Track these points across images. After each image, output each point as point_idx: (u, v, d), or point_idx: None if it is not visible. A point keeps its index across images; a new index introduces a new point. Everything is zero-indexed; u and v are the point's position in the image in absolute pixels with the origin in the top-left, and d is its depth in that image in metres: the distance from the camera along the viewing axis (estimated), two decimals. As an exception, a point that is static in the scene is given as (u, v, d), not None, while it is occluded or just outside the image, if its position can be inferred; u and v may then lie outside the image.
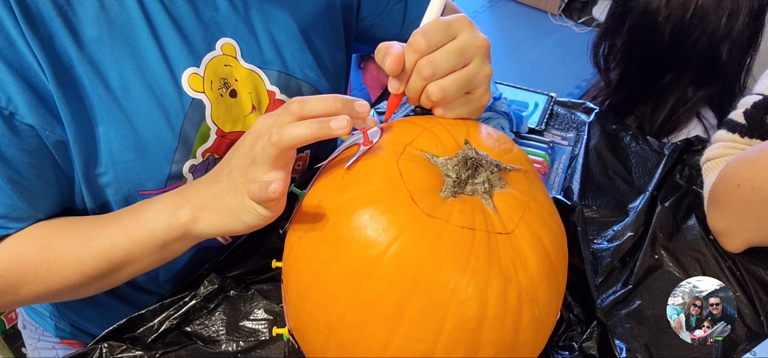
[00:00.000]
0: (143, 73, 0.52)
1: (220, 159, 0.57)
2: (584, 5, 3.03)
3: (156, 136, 0.53)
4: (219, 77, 0.57)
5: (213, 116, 0.56)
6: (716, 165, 0.66)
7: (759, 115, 0.64)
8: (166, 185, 0.56)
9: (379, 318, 0.40)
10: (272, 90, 0.61)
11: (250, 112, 0.59)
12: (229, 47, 0.57)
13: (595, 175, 0.76)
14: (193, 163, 0.57)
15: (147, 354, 0.55)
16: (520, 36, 2.88)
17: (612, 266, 0.65)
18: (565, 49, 2.77)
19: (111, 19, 0.50)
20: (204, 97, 0.55)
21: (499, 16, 3.04)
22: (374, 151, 0.45)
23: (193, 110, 0.55)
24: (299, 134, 0.41)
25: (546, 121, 0.84)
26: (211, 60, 0.56)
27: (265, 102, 0.60)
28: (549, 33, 2.89)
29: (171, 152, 0.54)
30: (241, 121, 0.59)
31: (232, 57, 0.58)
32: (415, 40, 0.46)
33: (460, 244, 0.40)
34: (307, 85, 0.63)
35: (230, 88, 0.58)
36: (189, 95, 0.54)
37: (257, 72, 0.59)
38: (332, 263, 0.41)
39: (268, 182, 0.40)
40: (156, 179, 0.55)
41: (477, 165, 0.44)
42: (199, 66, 0.55)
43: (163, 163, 0.55)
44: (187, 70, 0.54)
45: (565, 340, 0.58)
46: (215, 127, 0.57)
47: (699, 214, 0.68)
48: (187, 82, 0.54)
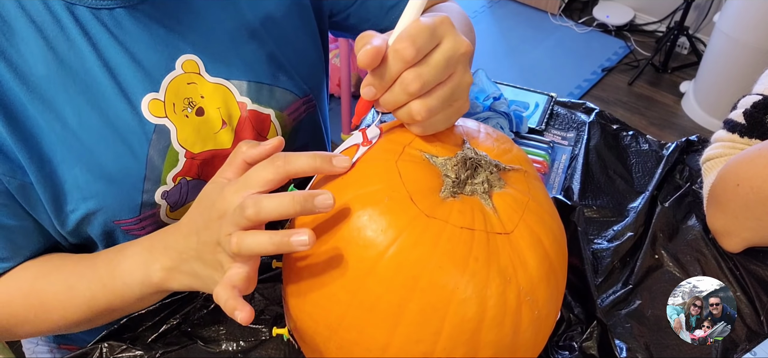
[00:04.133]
0: (99, 106, 0.50)
1: (192, 182, 0.57)
2: (584, 5, 3.03)
3: (121, 167, 0.52)
4: (182, 98, 0.55)
5: (179, 139, 0.55)
6: (716, 165, 0.66)
7: (758, 115, 0.64)
8: (140, 213, 0.55)
9: (378, 319, 0.40)
10: (243, 101, 0.59)
11: (220, 129, 0.57)
12: (190, 64, 0.55)
13: (595, 175, 0.76)
14: (165, 189, 0.55)
15: (147, 354, 0.55)
16: (520, 36, 2.88)
17: (612, 266, 0.65)
18: (565, 49, 2.78)
19: (58, 55, 0.49)
20: (167, 121, 0.54)
21: (499, 16, 3.04)
22: (373, 152, 0.45)
23: (157, 137, 0.53)
24: (257, 248, 0.39)
25: (546, 121, 0.84)
26: (172, 81, 0.54)
27: (236, 115, 0.58)
28: (549, 33, 2.89)
29: (140, 182, 0.53)
30: (212, 140, 0.57)
31: (196, 73, 0.55)
32: (403, 48, 0.39)
33: (459, 244, 0.40)
34: (280, 89, 0.61)
35: (196, 106, 0.55)
36: (151, 122, 0.53)
37: (225, 85, 0.57)
38: (332, 263, 0.41)
39: (232, 286, 0.39)
40: (129, 209, 0.54)
41: (476, 165, 0.44)
42: (159, 90, 0.53)
43: (133, 193, 0.54)
44: (146, 96, 0.52)
45: (565, 340, 0.58)
46: (183, 151, 0.55)
47: (699, 214, 0.68)
48: (147, 109, 0.53)
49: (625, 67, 2.64)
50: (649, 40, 2.79)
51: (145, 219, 0.56)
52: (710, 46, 2.20)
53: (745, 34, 1.99)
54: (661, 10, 2.74)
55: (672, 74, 2.57)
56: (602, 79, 2.59)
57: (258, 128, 0.60)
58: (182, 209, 0.58)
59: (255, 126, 0.60)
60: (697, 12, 2.61)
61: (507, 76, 2.51)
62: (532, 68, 2.65)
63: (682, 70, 2.58)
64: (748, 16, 1.97)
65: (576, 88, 2.53)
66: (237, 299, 0.39)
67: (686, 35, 2.52)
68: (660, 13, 2.76)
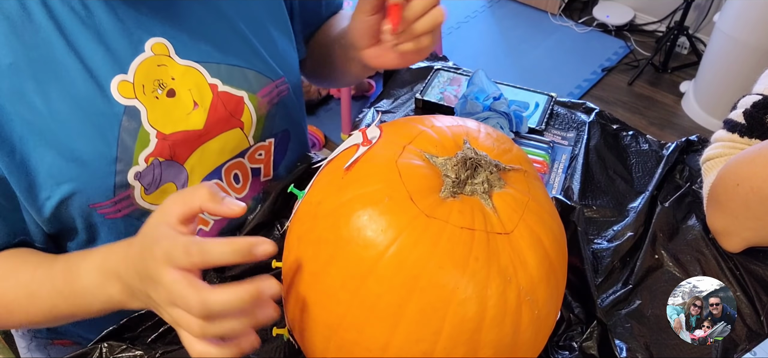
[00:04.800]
0: (68, 90, 0.51)
1: (165, 163, 0.57)
2: (584, 5, 3.03)
3: (93, 150, 0.52)
4: (152, 79, 0.55)
5: (150, 120, 0.55)
6: (715, 165, 0.66)
7: (758, 115, 0.64)
8: (114, 194, 0.55)
9: (378, 319, 0.40)
10: (214, 83, 0.59)
11: (192, 110, 0.58)
12: (159, 47, 0.56)
13: (595, 175, 0.76)
14: (137, 170, 0.56)
15: (147, 354, 0.55)
16: (520, 36, 2.88)
17: (612, 266, 0.65)
18: (565, 49, 2.77)
19: (25, 42, 0.49)
20: (137, 102, 0.54)
21: (499, 16, 3.04)
22: (373, 152, 0.45)
23: (127, 118, 0.54)
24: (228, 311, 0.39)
25: (546, 121, 0.84)
26: (141, 63, 0.54)
27: (208, 96, 0.59)
28: (549, 33, 2.89)
29: (111, 163, 0.54)
30: (183, 121, 0.57)
31: (166, 55, 0.56)
32: None
33: (459, 244, 0.40)
34: (252, 72, 0.62)
35: (167, 88, 0.56)
36: (120, 103, 0.53)
37: (195, 67, 0.58)
38: (332, 263, 0.41)
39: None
40: (102, 191, 0.54)
41: (476, 165, 0.44)
42: (127, 72, 0.54)
43: (106, 175, 0.54)
44: (114, 78, 0.53)
45: (565, 340, 0.58)
46: (154, 131, 0.56)
47: (699, 214, 0.68)
48: (116, 91, 0.53)
49: (625, 67, 2.64)
50: (649, 40, 2.79)
51: (120, 201, 0.56)
52: (710, 46, 2.20)
53: (745, 34, 1.99)
54: (661, 10, 2.74)
55: (672, 74, 2.57)
56: (602, 79, 2.59)
57: (231, 110, 0.61)
58: (158, 192, 0.58)
59: (228, 107, 0.61)
60: (697, 12, 2.61)
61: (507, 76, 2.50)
62: (532, 68, 2.65)
63: (682, 70, 2.58)
64: (748, 16, 1.97)
65: (576, 88, 2.53)
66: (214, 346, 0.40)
67: (686, 35, 2.52)
68: (660, 13, 2.76)
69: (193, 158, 0.60)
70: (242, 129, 0.63)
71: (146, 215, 0.58)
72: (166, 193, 0.59)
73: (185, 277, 0.39)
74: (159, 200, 0.58)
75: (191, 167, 0.60)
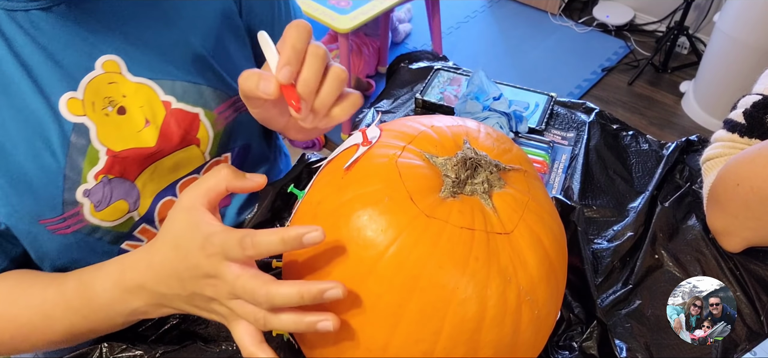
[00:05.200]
0: (17, 106, 0.50)
1: (115, 180, 0.57)
2: (584, 5, 3.03)
3: (41, 166, 0.52)
4: (102, 96, 0.55)
5: (100, 138, 0.55)
6: (715, 165, 0.66)
7: (758, 115, 0.64)
8: (63, 211, 0.55)
9: (378, 319, 0.40)
10: (167, 100, 0.59)
11: (143, 127, 0.57)
12: (111, 64, 0.55)
13: (595, 175, 0.76)
14: (86, 187, 0.55)
15: (147, 354, 0.55)
16: (520, 36, 2.88)
17: (612, 266, 0.65)
18: (565, 49, 2.78)
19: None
20: (86, 119, 0.54)
21: (500, 17, 3.04)
22: (373, 152, 0.45)
23: (76, 135, 0.53)
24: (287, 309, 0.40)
25: (546, 121, 0.84)
26: (91, 80, 0.54)
27: (161, 113, 0.58)
28: (549, 33, 2.89)
29: (60, 179, 0.53)
30: (134, 138, 0.57)
31: (117, 73, 0.55)
32: (300, 26, 0.44)
33: (459, 244, 0.40)
34: (208, 88, 0.61)
35: (117, 105, 0.56)
36: (70, 121, 0.53)
37: (148, 84, 0.57)
38: (331, 263, 0.41)
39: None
40: (51, 207, 0.54)
41: (476, 165, 0.44)
42: (77, 89, 0.53)
43: (54, 191, 0.53)
44: (64, 95, 0.52)
45: (565, 340, 0.58)
46: (104, 149, 0.55)
47: (699, 214, 0.68)
48: (65, 108, 0.53)
49: (625, 67, 2.64)
50: (649, 40, 2.79)
51: (69, 217, 0.56)
52: (710, 46, 2.20)
53: (745, 34, 1.99)
54: (661, 10, 2.74)
55: (672, 74, 2.57)
56: (602, 79, 2.59)
57: (185, 127, 0.61)
58: (109, 209, 0.57)
59: (182, 125, 0.60)
60: (697, 12, 2.61)
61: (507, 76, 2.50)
62: (532, 68, 2.65)
63: (682, 70, 2.58)
64: (748, 16, 1.97)
65: (576, 88, 2.53)
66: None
67: (686, 35, 2.52)
68: (660, 13, 2.76)
69: (145, 176, 0.60)
70: (198, 146, 0.63)
71: (96, 231, 0.58)
72: (117, 210, 0.58)
73: (247, 270, 0.40)
74: (109, 216, 0.58)
75: (142, 184, 0.60)
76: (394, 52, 2.68)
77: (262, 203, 0.67)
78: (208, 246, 0.40)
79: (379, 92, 0.95)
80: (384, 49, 2.54)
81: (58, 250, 0.57)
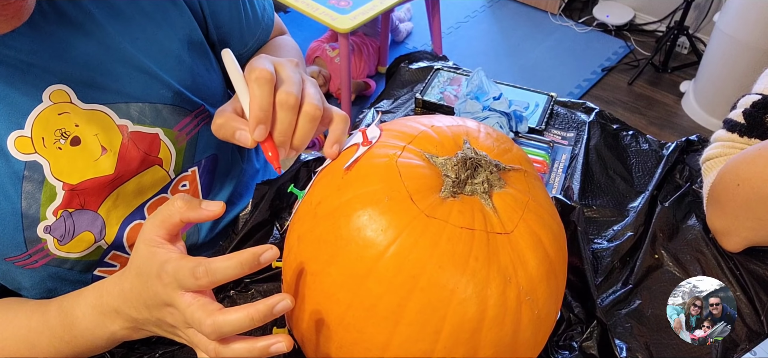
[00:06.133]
0: None
1: (76, 213, 0.55)
2: (584, 5, 3.03)
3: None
4: (53, 130, 0.52)
5: (54, 173, 0.53)
6: (715, 165, 0.66)
7: (758, 115, 0.64)
8: (26, 248, 0.54)
9: (378, 319, 0.40)
10: (123, 124, 0.56)
11: (100, 155, 0.55)
12: (59, 94, 0.52)
13: (595, 175, 0.76)
14: (46, 224, 0.54)
15: (147, 354, 0.55)
16: (520, 36, 2.88)
17: (612, 266, 0.65)
18: (565, 49, 2.78)
19: None
20: (38, 157, 0.52)
21: (500, 17, 3.04)
22: (373, 152, 0.45)
23: (29, 174, 0.52)
24: (238, 329, 0.39)
25: (546, 121, 0.84)
26: (39, 114, 0.51)
27: (117, 139, 0.56)
28: (549, 33, 2.89)
29: (18, 220, 0.52)
30: (92, 168, 0.55)
31: (67, 102, 0.53)
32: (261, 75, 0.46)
33: (459, 244, 0.40)
34: (166, 106, 0.59)
35: (71, 136, 0.53)
36: (20, 160, 0.51)
37: (102, 109, 0.55)
38: (331, 263, 0.41)
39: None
40: (14, 247, 0.53)
41: (476, 165, 0.44)
42: (24, 127, 0.51)
43: (14, 233, 0.52)
44: (11, 135, 0.50)
45: (565, 339, 0.58)
46: (60, 183, 0.54)
47: (699, 213, 0.68)
48: (14, 147, 0.51)
49: (625, 66, 2.64)
50: (649, 39, 2.79)
51: (35, 253, 0.55)
52: (710, 46, 2.20)
53: (745, 34, 1.99)
54: (661, 10, 2.74)
55: (672, 74, 2.57)
56: (602, 78, 2.59)
57: (145, 149, 0.59)
58: (73, 241, 0.56)
59: (141, 147, 0.58)
60: (697, 12, 2.61)
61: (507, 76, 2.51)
62: (532, 68, 2.65)
63: (682, 70, 2.58)
64: (748, 16, 1.97)
65: (576, 88, 2.53)
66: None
67: (686, 35, 2.52)
68: (660, 13, 2.76)
69: (108, 203, 0.58)
70: (161, 165, 0.61)
71: (65, 262, 0.57)
72: (82, 241, 0.57)
73: (197, 299, 0.40)
74: (75, 248, 0.57)
75: (106, 212, 0.58)
76: (395, 52, 2.69)
77: (261, 203, 0.67)
78: (164, 275, 0.41)
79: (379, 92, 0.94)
80: (384, 49, 2.54)
81: (32, 283, 0.57)
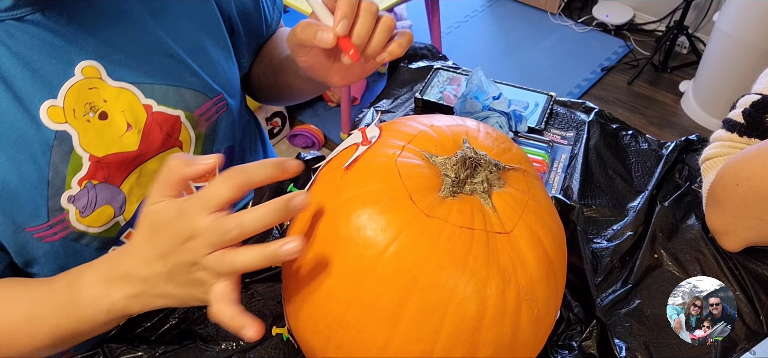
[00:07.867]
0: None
1: (99, 186, 0.56)
2: (584, 4, 3.03)
3: (23, 176, 0.52)
4: (83, 103, 0.55)
5: (82, 144, 0.55)
6: (715, 164, 0.66)
7: (757, 115, 0.64)
8: (48, 218, 0.55)
9: (378, 318, 0.40)
10: (148, 103, 0.59)
11: (125, 131, 0.57)
12: (90, 69, 0.55)
13: (594, 174, 0.76)
14: (71, 193, 0.55)
15: (147, 354, 0.55)
16: (520, 36, 2.88)
17: (611, 266, 0.65)
18: (565, 48, 2.78)
19: None
20: (68, 127, 0.54)
21: (499, 16, 3.04)
22: (373, 151, 0.45)
23: (58, 143, 0.53)
24: (249, 265, 0.39)
25: (545, 121, 0.84)
26: (71, 87, 0.54)
27: (142, 117, 0.59)
28: (549, 32, 2.89)
29: (43, 188, 0.53)
30: (117, 143, 0.57)
31: (97, 78, 0.55)
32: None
33: (458, 244, 0.40)
34: (189, 90, 0.62)
35: (99, 110, 0.56)
36: (51, 129, 0.53)
37: (129, 88, 0.57)
38: (331, 263, 0.41)
39: (231, 301, 0.40)
40: (35, 215, 0.54)
41: (476, 165, 0.44)
42: (57, 97, 0.53)
43: (38, 201, 0.53)
44: (44, 103, 0.52)
45: (564, 339, 0.58)
46: (87, 155, 0.55)
47: (698, 213, 0.68)
48: (46, 116, 0.52)
49: (625, 66, 2.64)
50: (649, 39, 2.79)
51: (55, 224, 0.56)
52: (710, 46, 2.20)
53: (745, 34, 1.99)
54: (661, 10, 2.74)
55: (671, 73, 2.57)
56: (602, 78, 2.59)
57: (167, 130, 0.61)
58: (94, 214, 0.58)
59: (163, 128, 0.60)
60: (697, 11, 2.62)
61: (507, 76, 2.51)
62: (531, 68, 2.65)
63: (682, 70, 2.58)
64: (747, 16, 1.97)
65: (575, 88, 2.53)
66: (244, 316, 0.39)
67: (686, 34, 2.52)
68: (659, 13, 2.76)
69: (130, 180, 0.60)
70: (181, 148, 0.63)
71: (83, 237, 0.58)
72: (102, 215, 0.58)
73: (219, 215, 0.39)
74: (95, 222, 0.58)
75: (129, 189, 0.60)
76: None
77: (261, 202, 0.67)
78: (186, 207, 0.40)
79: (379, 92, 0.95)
80: (384, 49, 2.52)
81: (46, 257, 0.57)
